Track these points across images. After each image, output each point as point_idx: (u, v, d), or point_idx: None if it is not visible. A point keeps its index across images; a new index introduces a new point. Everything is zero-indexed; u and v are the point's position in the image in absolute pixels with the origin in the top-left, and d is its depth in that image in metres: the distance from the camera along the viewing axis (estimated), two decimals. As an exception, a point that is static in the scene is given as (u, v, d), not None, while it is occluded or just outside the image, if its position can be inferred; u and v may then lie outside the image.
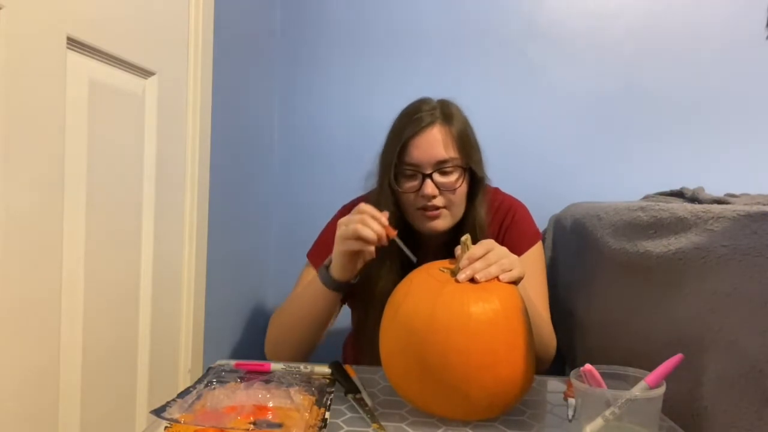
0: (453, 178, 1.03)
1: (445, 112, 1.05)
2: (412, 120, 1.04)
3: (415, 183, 1.03)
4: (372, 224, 0.89)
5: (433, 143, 1.02)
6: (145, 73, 0.91)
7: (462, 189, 1.05)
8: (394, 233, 0.91)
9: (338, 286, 0.98)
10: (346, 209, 1.20)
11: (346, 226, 0.91)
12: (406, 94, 1.13)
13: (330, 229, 1.17)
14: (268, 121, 1.64)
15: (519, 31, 1.65)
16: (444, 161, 1.02)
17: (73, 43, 0.73)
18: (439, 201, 1.03)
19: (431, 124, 1.03)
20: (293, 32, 1.68)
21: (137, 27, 0.88)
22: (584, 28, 1.65)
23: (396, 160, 1.03)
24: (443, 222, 1.05)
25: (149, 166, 0.93)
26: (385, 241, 0.90)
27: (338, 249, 0.94)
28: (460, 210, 1.07)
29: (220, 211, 1.20)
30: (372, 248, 0.90)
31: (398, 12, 1.66)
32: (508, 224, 1.14)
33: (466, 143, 1.05)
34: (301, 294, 1.05)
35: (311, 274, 1.13)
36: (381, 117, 1.11)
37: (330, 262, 0.98)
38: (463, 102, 1.11)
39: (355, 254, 0.94)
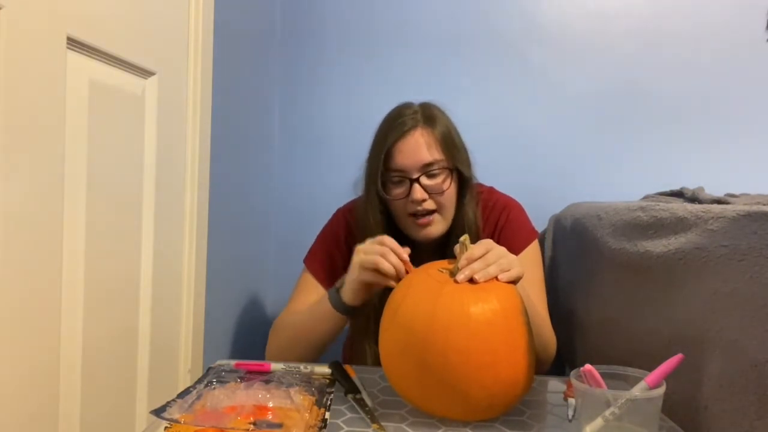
0: (440, 179, 1.03)
1: (427, 115, 1.05)
2: (394, 126, 1.03)
3: (402, 189, 1.03)
4: (392, 259, 0.87)
5: (417, 147, 1.01)
6: (145, 73, 0.91)
7: (451, 191, 1.04)
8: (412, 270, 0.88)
9: (348, 310, 0.97)
10: (341, 213, 1.20)
11: (365, 254, 0.89)
12: (407, 94, 1.13)
13: (325, 235, 1.17)
14: (268, 121, 1.64)
15: (519, 32, 1.65)
16: (430, 164, 1.02)
17: (73, 43, 0.73)
18: (429, 204, 1.02)
19: (413, 127, 1.03)
20: (293, 32, 1.68)
21: (137, 27, 0.88)
22: (584, 28, 1.65)
23: (382, 168, 1.02)
24: (436, 228, 1.05)
25: (149, 166, 0.93)
26: (403, 275, 0.88)
27: (354, 276, 0.92)
28: (450, 213, 1.06)
29: (220, 211, 1.20)
30: (390, 282, 0.88)
31: (398, 12, 1.66)
32: (503, 223, 1.13)
33: (451, 144, 1.05)
34: (307, 313, 1.04)
35: (309, 281, 1.13)
36: (381, 116, 1.10)
37: (341, 285, 0.97)
38: (463, 102, 1.12)
39: (369, 284, 0.93)
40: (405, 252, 0.89)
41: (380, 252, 0.88)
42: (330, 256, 1.14)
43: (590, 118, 1.65)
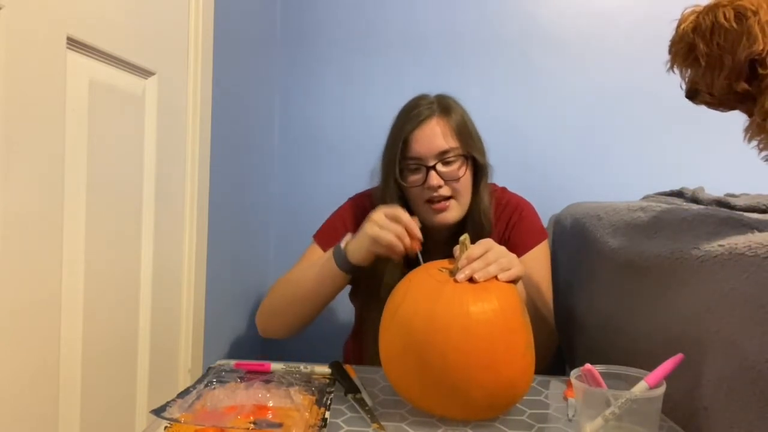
0: (456, 166, 1.05)
1: (443, 105, 1.08)
2: (410, 116, 1.06)
3: (419, 176, 1.05)
4: (406, 242, 0.92)
5: (433, 135, 1.04)
6: (145, 73, 0.91)
7: (466, 177, 1.07)
8: (419, 248, 0.93)
9: (352, 269, 0.99)
10: (359, 197, 1.21)
11: (380, 229, 0.92)
12: (407, 94, 1.13)
13: (339, 216, 1.18)
14: (268, 121, 1.64)
15: (519, 32, 1.65)
16: (445, 151, 1.04)
17: (73, 43, 0.73)
18: (445, 191, 1.05)
19: (429, 117, 1.05)
20: (293, 32, 1.68)
21: (137, 27, 0.88)
22: (584, 28, 1.65)
23: (399, 156, 1.05)
24: (452, 214, 1.07)
25: (149, 166, 0.93)
26: (410, 250, 0.93)
27: (365, 245, 0.95)
28: (466, 199, 1.08)
29: (220, 211, 1.20)
30: (399, 255, 0.93)
31: (398, 12, 1.66)
32: (515, 222, 1.15)
33: (466, 133, 1.07)
34: (309, 270, 1.05)
35: (316, 253, 1.13)
36: (381, 117, 1.11)
37: (347, 244, 0.99)
38: (463, 103, 1.12)
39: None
40: (416, 223, 0.93)
41: (396, 233, 0.91)
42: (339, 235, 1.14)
43: (590, 119, 1.65)
